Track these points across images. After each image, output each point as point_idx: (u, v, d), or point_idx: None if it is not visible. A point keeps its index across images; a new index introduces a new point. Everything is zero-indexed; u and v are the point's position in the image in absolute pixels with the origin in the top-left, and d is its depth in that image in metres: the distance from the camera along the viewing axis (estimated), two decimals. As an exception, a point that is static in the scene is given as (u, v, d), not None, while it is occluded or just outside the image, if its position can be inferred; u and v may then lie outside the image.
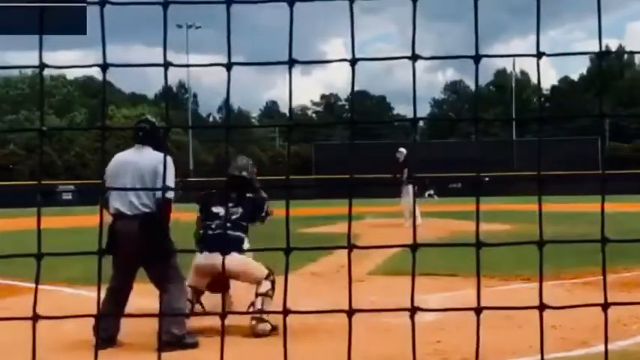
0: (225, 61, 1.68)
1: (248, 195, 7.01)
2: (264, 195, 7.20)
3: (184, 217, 8.69)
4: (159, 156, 6.23)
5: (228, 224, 6.81)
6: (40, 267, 1.63)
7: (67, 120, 63.32)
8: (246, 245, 6.83)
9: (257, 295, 6.61)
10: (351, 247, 1.67)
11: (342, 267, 10.05)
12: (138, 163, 6.23)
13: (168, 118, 2.21)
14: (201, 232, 6.88)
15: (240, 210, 6.88)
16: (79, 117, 65.34)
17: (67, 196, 43.91)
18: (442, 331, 6.14)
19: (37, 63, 1.69)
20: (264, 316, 6.38)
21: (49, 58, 1.73)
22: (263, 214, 7.04)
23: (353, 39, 1.64)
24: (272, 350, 5.55)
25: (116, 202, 6.09)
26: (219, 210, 6.85)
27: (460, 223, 17.27)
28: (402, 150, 18.64)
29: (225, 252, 5.51)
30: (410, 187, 18.03)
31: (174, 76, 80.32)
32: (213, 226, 6.81)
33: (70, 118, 64.10)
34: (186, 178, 43.61)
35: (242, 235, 6.84)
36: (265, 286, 6.64)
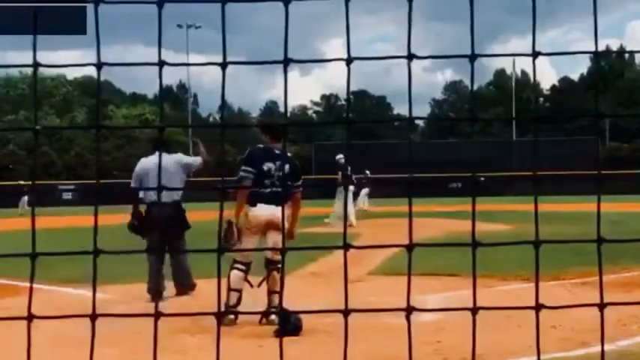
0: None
1: (289, 154, 7.47)
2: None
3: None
4: (177, 156, 9.00)
5: (277, 181, 7.04)
6: (34, 267, 1.63)
7: (67, 120, 63.22)
8: (287, 213, 7.11)
9: (273, 292, 6.96)
10: (346, 246, 1.67)
11: (342, 267, 10.02)
12: (164, 167, 8.29)
13: (163, 117, 2.25)
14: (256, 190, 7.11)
15: (287, 167, 7.17)
16: (79, 117, 65.29)
17: (67, 196, 43.92)
18: (442, 331, 6.14)
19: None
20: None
21: (49, 58, 1.73)
22: (300, 181, 7.30)
23: (348, 38, 1.64)
24: (270, 350, 5.54)
25: (154, 193, 8.52)
26: (270, 166, 7.06)
27: (459, 222, 17.25)
28: (341, 156, 20.73)
29: (279, 204, 6.85)
30: (343, 189, 19.78)
31: (175, 76, 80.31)
32: (268, 183, 7.02)
33: (71, 118, 64.04)
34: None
35: (285, 192, 7.06)
36: (279, 280, 6.90)
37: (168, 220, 8.36)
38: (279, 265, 6.92)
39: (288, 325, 6.10)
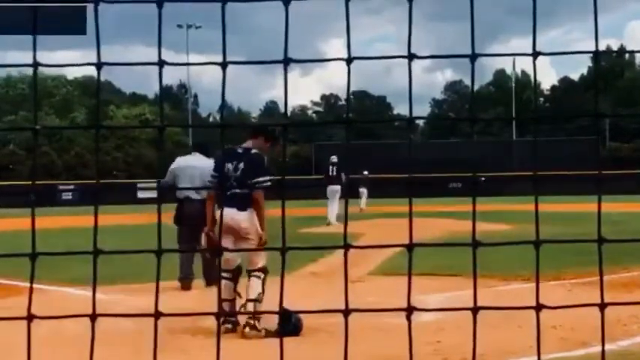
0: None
1: (253, 151, 6.95)
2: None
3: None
4: (208, 161, 9.08)
5: (234, 182, 6.80)
6: (34, 267, 1.63)
7: (68, 120, 63.15)
8: (252, 216, 6.77)
9: (248, 300, 6.61)
10: (346, 246, 1.67)
11: (342, 267, 10.01)
12: (197, 167, 9.38)
13: (163, 116, 2.26)
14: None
15: (241, 165, 6.84)
16: (79, 117, 65.25)
17: (67, 196, 43.91)
18: (442, 331, 6.14)
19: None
20: (257, 323, 6.44)
21: (49, 58, 1.73)
22: (267, 180, 6.81)
23: (349, 37, 1.64)
24: (270, 350, 5.54)
25: (186, 190, 9.29)
26: (229, 167, 6.89)
27: (460, 223, 17.26)
28: (333, 158, 22.00)
29: (240, 208, 6.62)
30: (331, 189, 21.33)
31: (175, 76, 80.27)
32: (229, 185, 6.82)
33: (71, 119, 63.98)
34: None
35: (247, 192, 6.78)
36: (256, 289, 6.62)
37: (197, 217, 8.73)
38: (258, 273, 6.66)
39: (289, 325, 6.10)
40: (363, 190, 30.24)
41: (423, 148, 56.35)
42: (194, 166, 9.54)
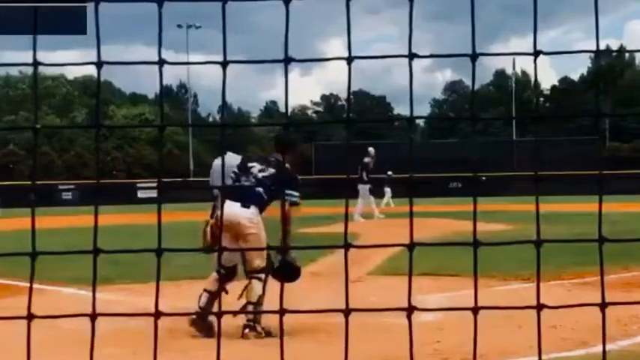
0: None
1: (287, 165, 6.82)
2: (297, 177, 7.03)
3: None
4: (232, 157, 8.57)
5: (254, 180, 6.68)
6: (34, 266, 1.63)
7: (68, 120, 63.10)
8: (255, 215, 6.56)
9: (248, 303, 6.45)
10: (347, 246, 1.67)
11: (342, 267, 9.99)
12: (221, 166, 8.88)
13: (163, 116, 2.28)
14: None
15: (271, 170, 6.72)
16: (79, 117, 65.21)
17: (67, 196, 43.91)
18: (442, 331, 6.14)
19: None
20: (257, 325, 6.38)
21: (49, 58, 1.73)
22: (295, 195, 6.62)
23: (349, 37, 1.64)
24: (270, 350, 5.54)
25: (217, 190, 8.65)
26: (254, 165, 6.80)
27: (460, 223, 17.24)
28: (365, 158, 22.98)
29: (244, 205, 6.36)
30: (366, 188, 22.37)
31: (175, 76, 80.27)
32: (243, 179, 6.70)
33: (71, 118, 63.95)
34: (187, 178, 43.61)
35: (263, 193, 6.63)
36: (256, 291, 6.46)
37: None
38: (259, 275, 6.49)
39: (288, 269, 6.18)
40: (387, 190, 30.16)
41: (423, 148, 56.37)
42: (220, 166, 9.88)
